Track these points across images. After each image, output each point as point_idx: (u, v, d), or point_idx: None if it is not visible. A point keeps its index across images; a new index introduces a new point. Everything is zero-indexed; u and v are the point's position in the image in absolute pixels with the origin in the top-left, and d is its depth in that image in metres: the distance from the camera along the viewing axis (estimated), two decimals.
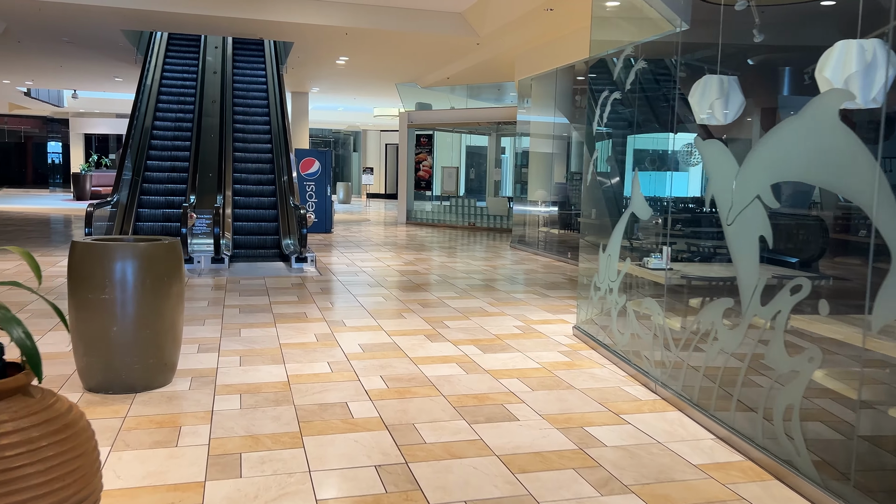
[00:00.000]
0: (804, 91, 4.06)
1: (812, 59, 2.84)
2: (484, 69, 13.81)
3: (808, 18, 3.85)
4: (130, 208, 10.13)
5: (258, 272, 8.39)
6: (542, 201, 12.07)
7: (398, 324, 5.65)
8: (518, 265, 9.71)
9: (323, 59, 13.89)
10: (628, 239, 4.62)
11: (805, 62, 3.49)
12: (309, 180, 13.52)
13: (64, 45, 12.75)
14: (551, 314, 6.22)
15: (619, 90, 4.76)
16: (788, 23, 3.95)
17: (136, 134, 11.79)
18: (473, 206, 16.27)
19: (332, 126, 33.11)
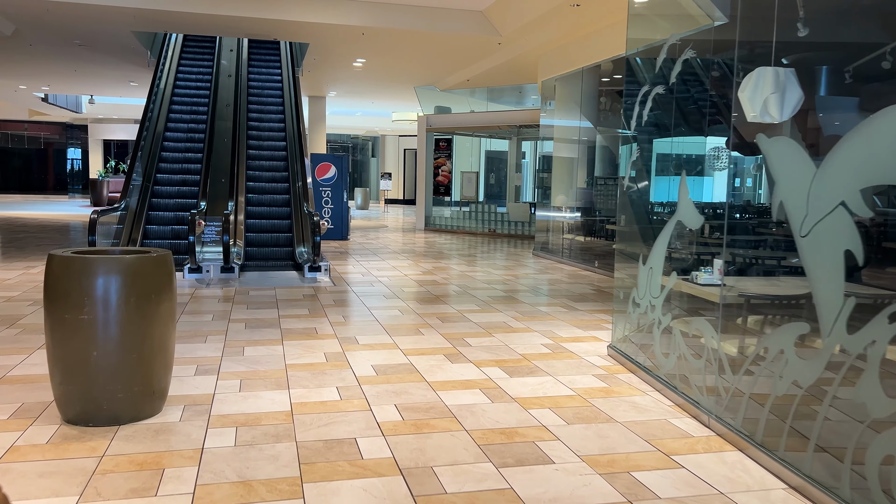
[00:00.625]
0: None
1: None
2: (505, 70, 13.35)
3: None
4: (140, 214, 9.80)
5: (269, 282, 7.99)
6: (566, 207, 11.57)
7: (415, 341, 5.19)
8: (542, 274, 9.21)
9: (339, 62, 13.52)
10: (674, 250, 4.12)
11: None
12: (325, 186, 13.13)
13: (76, 49, 12.50)
14: (582, 330, 5.72)
15: (662, 85, 4.27)
16: None
17: (149, 137, 11.49)
18: (493, 212, 15.80)
19: (350, 131, 32.83)
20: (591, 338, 5.46)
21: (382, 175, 25.57)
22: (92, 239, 7.37)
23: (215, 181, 10.53)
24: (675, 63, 4.01)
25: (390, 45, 11.80)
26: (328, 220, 13.17)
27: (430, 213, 16.67)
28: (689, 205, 3.86)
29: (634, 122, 4.64)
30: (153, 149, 11.35)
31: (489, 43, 11.30)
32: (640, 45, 4.82)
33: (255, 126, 12.70)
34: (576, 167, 11.56)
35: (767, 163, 3.17)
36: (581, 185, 11.28)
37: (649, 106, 4.43)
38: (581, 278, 8.93)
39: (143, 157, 10.97)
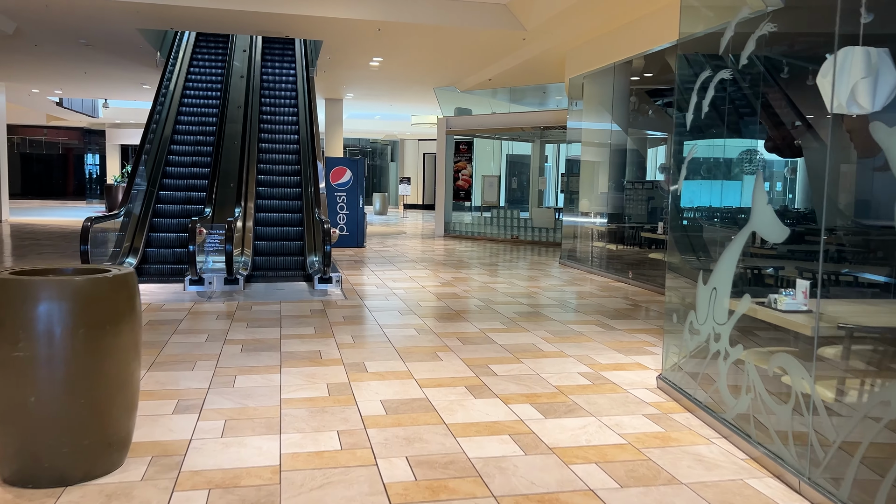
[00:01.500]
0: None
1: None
2: (529, 69, 12.67)
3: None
4: (143, 221, 9.25)
5: (276, 295, 7.37)
6: (595, 213, 10.84)
7: (432, 368, 4.52)
8: (571, 286, 8.50)
9: (355, 61, 12.93)
10: (746, 267, 3.41)
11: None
12: (340, 191, 12.54)
13: (82, 49, 12.05)
14: (623, 355, 5.01)
15: (730, 69, 3.56)
16: None
17: (155, 140, 10.97)
18: (516, 217, 15.11)
19: (368, 135, 32.34)
20: (635, 365, 4.75)
21: (401, 180, 25.00)
22: (84, 248, 6.81)
23: (224, 186, 9.97)
24: (748, 40, 3.31)
25: (408, 43, 11.18)
26: (344, 227, 12.57)
27: (450, 219, 16.01)
28: (768, 213, 3.15)
29: (691, 114, 3.93)
30: (160, 152, 10.82)
31: (513, 38, 10.63)
32: (699, 23, 4.12)
33: (267, 128, 12.16)
34: (605, 170, 10.84)
35: (888, 158, 2.46)
36: (611, 190, 10.55)
37: (711, 95, 3.72)
38: (614, 291, 8.20)
39: (149, 161, 10.44)
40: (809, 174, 5.07)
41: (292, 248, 9.44)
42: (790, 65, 3.89)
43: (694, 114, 3.91)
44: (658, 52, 8.88)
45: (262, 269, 8.96)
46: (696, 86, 3.89)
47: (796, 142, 4.96)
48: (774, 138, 4.78)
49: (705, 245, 3.92)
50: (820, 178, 4.06)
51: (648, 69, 10.61)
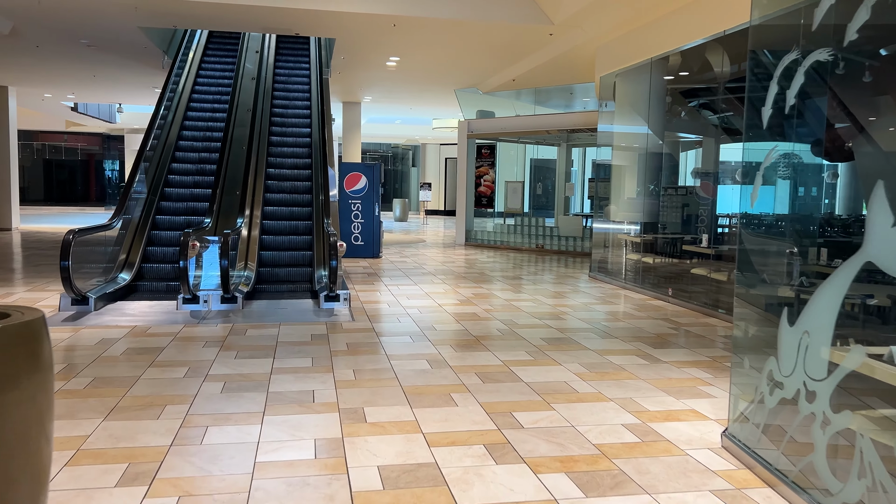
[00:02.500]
0: None
1: None
2: (556, 67, 11.88)
3: None
4: (142, 232, 8.63)
5: (277, 315, 6.66)
6: (628, 221, 10.00)
7: (445, 417, 3.75)
8: (604, 305, 7.68)
9: (371, 60, 12.24)
10: (856, 307, 2.60)
11: None
12: (355, 198, 11.84)
13: (86, 51, 11.52)
14: (674, 398, 4.20)
15: (831, 49, 2.75)
16: None
17: (159, 146, 10.37)
18: (541, 225, 14.29)
19: (389, 140, 31.73)
20: (689, 412, 3.93)
21: (422, 185, 24.31)
22: (65, 264, 6.16)
23: (229, 194, 9.31)
24: (859, 8, 2.49)
25: (425, 40, 10.46)
26: (358, 236, 11.87)
27: (472, 227, 15.24)
28: (892, 238, 2.33)
29: (769, 108, 3.12)
30: (163, 158, 10.22)
31: (539, 34, 9.86)
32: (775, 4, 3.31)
33: (278, 131, 11.52)
34: (638, 175, 10.00)
35: None
36: (645, 196, 9.70)
37: (800, 83, 2.91)
38: (653, 311, 7.37)
39: (151, 167, 9.84)
40: None
41: (301, 260, 8.76)
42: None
43: (773, 108, 3.10)
44: (696, 47, 8.06)
45: (269, 283, 8.28)
46: (776, 73, 3.08)
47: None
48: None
49: (789, 271, 3.11)
50: None
51: (685, 67, 9.78)
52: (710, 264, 7.71)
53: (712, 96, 10.89)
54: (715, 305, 7.26)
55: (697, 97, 11.54)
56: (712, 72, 9.39)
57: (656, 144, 9.95)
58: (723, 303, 7.17)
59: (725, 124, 11.51)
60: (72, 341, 5.38)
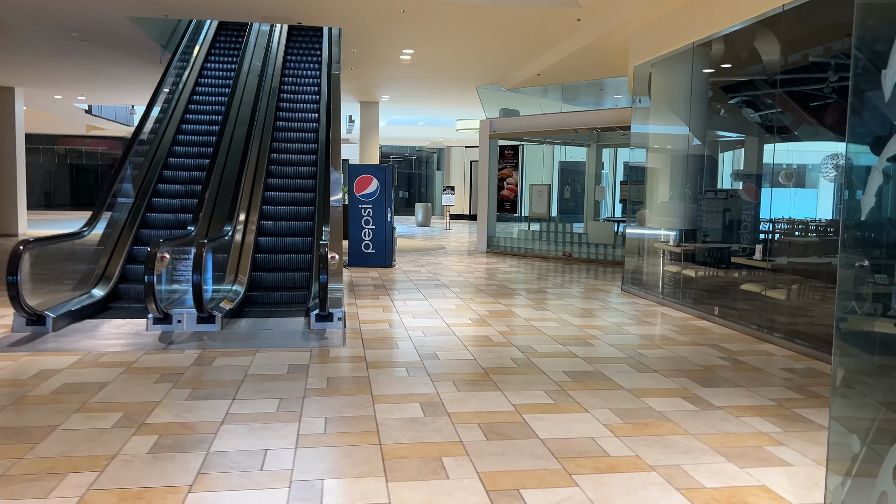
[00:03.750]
0: None
1: None
2: (585, 59, 10.85)
3: None
4: (124, 243, 7.84)
5: (259, 338, 5.77)
6: (665, 228, 8.93)
7: (429, 499, 2.79)
8: (639, 326, 6.64)
9: (384, 54, 11.36)
10: None
11: None
12: (365, 203, 10.95)
13: (81, 46, 10.85)
14: (736, 466, 3.18)
15: None
16: None
17: (153, 147, 9.62)
18: (569, 232, 13.24)
19: (413, 142, 30.90)
20: (760, 490, 2.92)
21: (445, 189, 23.40)
22: (12, 280, 5.34)
23: (225, 199, 8.47)
24: None
25: (440, 29, 9.53)
26: (369, 244, 10.98)
27: (493, 233, 14.25)
28: None
29: (889, 91, 2.11)
30: (155, 160, 9.45)
31: (565, 19, 8.86)
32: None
33: (282, 127, 10.71)
34: (677, 178, 8.93)
35: None
36: (685, 201, 8.64)
37: None
38: (697, 334, 6.31)
39: (141, 170, 9.07)
40: None
41: (298, 274, 7.89)
42: None
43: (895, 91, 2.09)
44: (743, 31, 7.02)
45: (261, 298, 7.42)
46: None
47: None
48: None
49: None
50: None
51: (728, 56, 8.73)
52: (763, 279, 6.63)
53: (756, 91, 9.82)
54: (770, 328, 6.18)
55: (739, 92, 10.43)
56: (759, 63, 8.33)
57: (697, 143, 8.88)
58: (780, 325, 6.09)
59: (770, 122, 10.41)
60: (2, 374, 4.54)
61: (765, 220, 8.16)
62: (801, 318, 6.11)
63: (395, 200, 33.64)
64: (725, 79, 9.39)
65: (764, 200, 9.01)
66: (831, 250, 6.43)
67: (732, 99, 10.35)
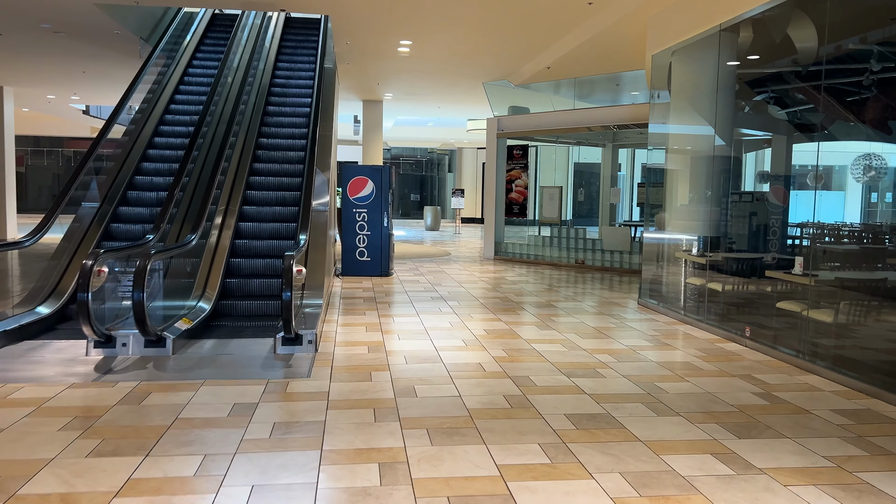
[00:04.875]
0: None
1: None
2: (598, 50, 9.95)
3: None
4: (83, 252, 7.06)
5: (213, 366, 4.96)
6: (688, 234, 8.01)
7: None
8: (659, 350, 5.74)
9: (380, 46, 10.54)
10: None
11: None
12: (360, 206, 10.13)
13: (58, 40, 10.15)
14: None
15: None
16: None
17: (125, 150, 8.90)
18: (582, 238, 12.33)
19: (424, 144, 30.09)
20: None
21: (454, 192, 22.55)
22: None
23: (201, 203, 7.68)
24: None
25: (437, 15, 8.69)
26: (364, 251, 10.15)
27: (501, 239, 13.37)
28: None
29: None
30: (128, 161, 8.72)
31: (575, 2, 7.98)
32: None
33: (272, 123, 9.93)
34: (701, 179, 8.02)
35: None
36: (710, 205, 7.72)
37: None
38: (726, 360, 5.40)
39: (111, 171, 8.34)
40: None
41: (274, 287, 7.08)
42: None
43: None
44: (779, 8, 6.11)
45: (234, 304, 6.64)
46: None
47: None
48: None
49: None
50: None
51: (756, 46, 7.84)
52: (804, 295, 5.70)
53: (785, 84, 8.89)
54: (813, 354, 5.26)
55: (766, 86, 9.50)
56: (789, 55, 7.45)
57: (723, 140, 7.97)
58: (825, 352, 5.17)
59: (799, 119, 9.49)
60: None
61: (801, 225, 7.26)
62: (850, 342, 5.18)
63: (407, 203, 32.93)
64: (753, 71, 8.46)
65: (801, 204, 8.10)
66: (888, 261, 5.49)
67: (759, 95, 9.42)
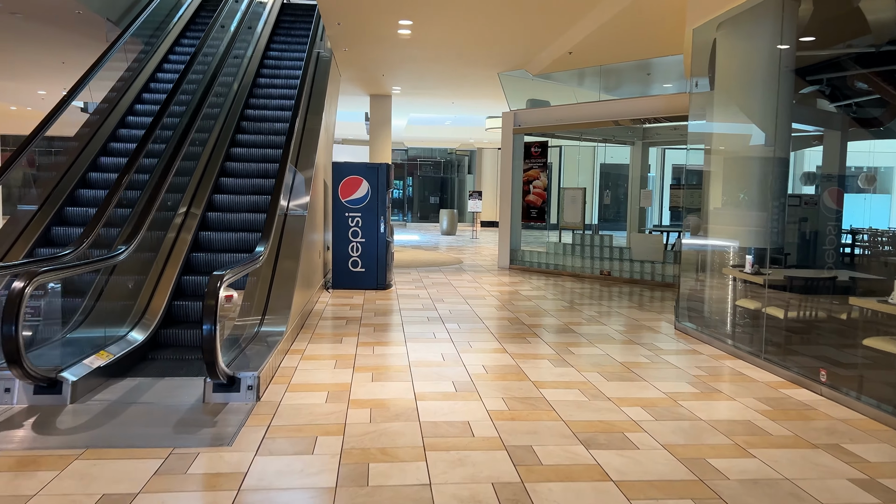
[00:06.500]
0: None
1: None
2: (627, 30, 8.60)
3: None
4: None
5: (105, 427, 3.75)
6: (737, 246, 6.63)
7: None
8: (706, 401, 4.39)
9: (377, 28, 9.30)
10: None
11: None
12: (353, 210, 8.89)
13: (24, 25, 9.10)
14: None
15: None
16: None
17: (83, 142, 7.80)
18: (607, 245, 10.97)
19: (442, 144, 28.84)
20: None
21: (471, 194, 21.27)
22: None
23: (162, 209, 6.49)
24: None
25: None
26: (357, 260, 8.91)
27: (518, 246, 12.05)
28: None
29: None
30: (83, 156, 7.60)
31: None
32: None
33: (253, 117, 8.78)
34: (753, 180, 6.64)
35: None
36: (770, 211, 6.34)
37: None
38: (801, 418, 4.03)
39: (61, 170, 7.23)
40: None
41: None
42: None
43: None
44: None
45: (180, 333, 5.44)
46: None
47: None
48: None
49: None
50: None
51: (813, 25, 6.51)
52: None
53: (842, 71, 7.52)
54: None
55: (821, 74, 8.10)
56: (852, 38, 6.19)
57: (780, 135, 6.59)
58: None
59: (855, 113, 8.17)
60: None
61: None
62: None
63: (425, 206, 31.66)
64: (809, 53, 7.06)
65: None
66: None
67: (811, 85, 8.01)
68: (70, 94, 7.49)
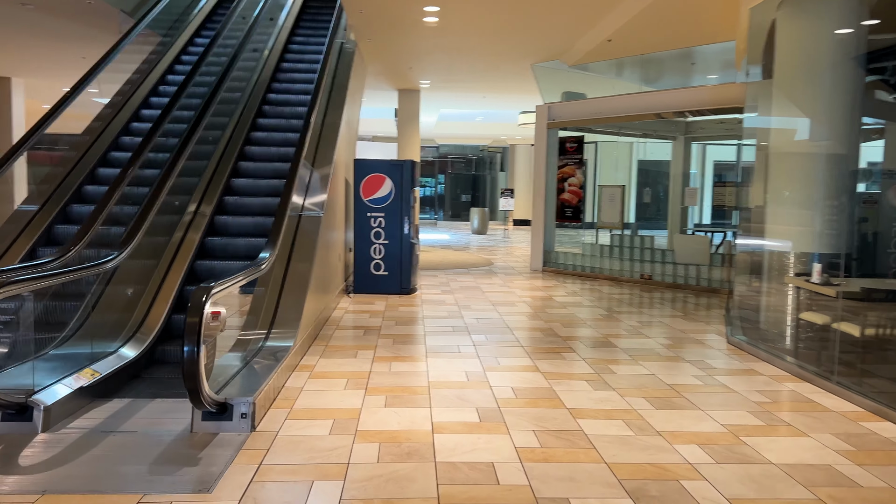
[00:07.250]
0: None
1: None
2: (671, 14, 7.90)
3: None
4: None
5: (75, 464, 3.27)
6: (798, 251, 5.91)
7: None
8: (776, 437, 3.73)
9: (402, 15, 8.75)
10: None
11: None
12: (375, 210, 8.37)
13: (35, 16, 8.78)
14: None
15: None
16: None
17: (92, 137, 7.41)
18: (648, 247, 10.27)
19: (474, 141, 28.22)
20: None
21: (503, 192, 20.63)
22: None
23: (167, 211, 6.05)
24: None
25: None
26: (380, 263, 8.38)
27: (551, 247, 11.41)
28: None
29: None
30: (90, 154, 7.21)
31: None
32: None
33: (270, 113, 8.32)
34: (819, 178, 5.91)
35: None
36: (846, 214, 5.63)
37: None
38: (889, 460, 3.36)
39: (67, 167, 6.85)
40: None
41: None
42: None
43: None
44: None
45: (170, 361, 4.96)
46: None
47: None
48: None
49: None
50: None
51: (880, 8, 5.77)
52: None
53: None
54: None
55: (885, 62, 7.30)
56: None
57: (851, 128, 5.86)
58: None
59: None
60: None
61: None
62: None
63: (457, 204, 31.07)
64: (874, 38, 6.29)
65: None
66: None
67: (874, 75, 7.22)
68: (75, 89, 7.08)
